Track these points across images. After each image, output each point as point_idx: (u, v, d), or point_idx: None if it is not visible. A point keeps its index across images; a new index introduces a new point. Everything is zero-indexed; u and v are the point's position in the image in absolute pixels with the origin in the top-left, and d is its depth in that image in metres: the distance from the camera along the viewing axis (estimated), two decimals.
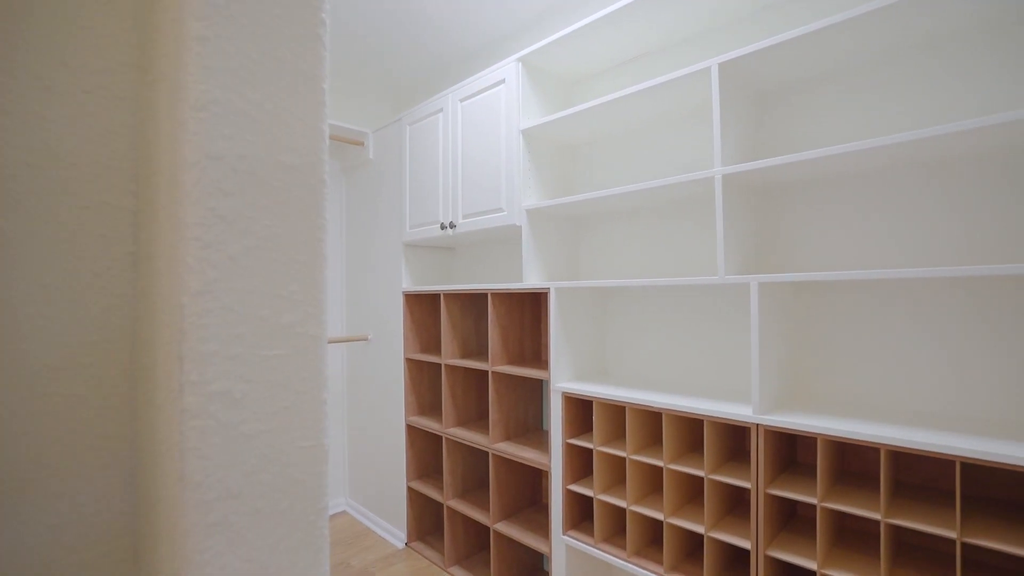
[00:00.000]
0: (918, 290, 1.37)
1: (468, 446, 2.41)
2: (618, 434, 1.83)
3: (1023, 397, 1.22)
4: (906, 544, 1.35)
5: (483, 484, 2.49)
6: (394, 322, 2.65)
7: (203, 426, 0.43)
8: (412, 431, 2.58)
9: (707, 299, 1.78)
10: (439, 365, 2.70)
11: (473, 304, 2.47)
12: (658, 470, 1.75)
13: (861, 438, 1.18)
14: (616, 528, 1.80)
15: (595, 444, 1.72)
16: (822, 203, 1.52)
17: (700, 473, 1.46)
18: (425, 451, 2.63)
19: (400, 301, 2.60)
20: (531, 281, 1.99)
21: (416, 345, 2.59)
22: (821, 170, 1.40)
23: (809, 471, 1.46)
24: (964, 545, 1.27)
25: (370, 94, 3.19)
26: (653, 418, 1.74)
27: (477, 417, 2.47)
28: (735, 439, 1.63)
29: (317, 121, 0.51)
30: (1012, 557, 1.22)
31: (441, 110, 2.34)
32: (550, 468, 1.86)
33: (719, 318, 1.75)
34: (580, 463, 1.88)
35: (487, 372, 2.48)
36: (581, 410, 1.89)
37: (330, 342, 2.86)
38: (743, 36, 1.69)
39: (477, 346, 2.49)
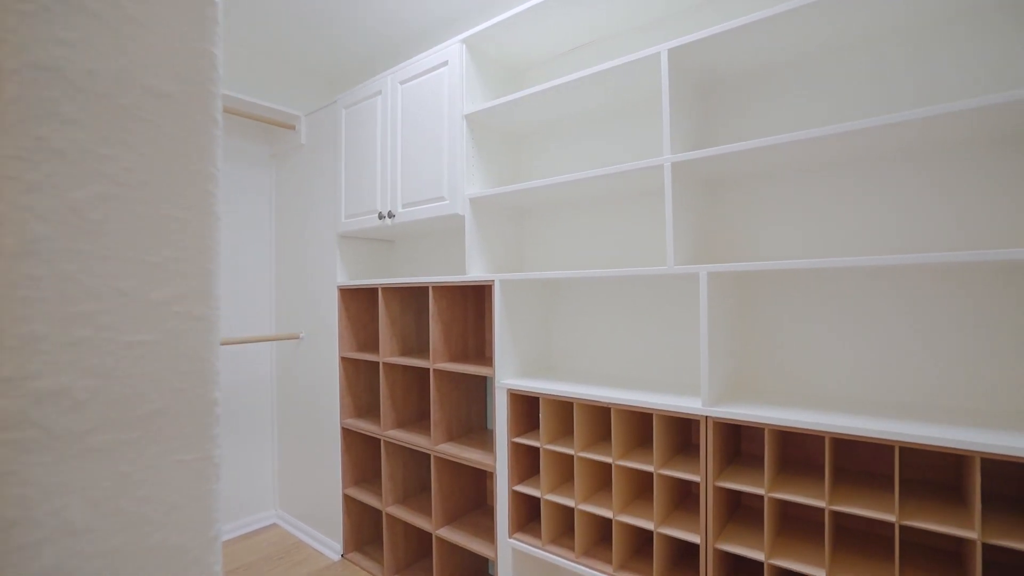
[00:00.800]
0: (860, 280, 1.40)
1: (409, 449, 2.28)
2: (566, 431, 1.77)
3: (959, 383, 1.27)
4: (848, 529, 1.37)
5: (425, 488, 2.37)
6: (328, 319, 2.47)
7: (23, 440, 0.31)
8: (348, 435, 2.41)
9: (656, 290, 1.76)
10: (377, 364, 2.55)
11: (413, 299, 2.35)
12: (607, 467, 1.72)
13: (807, 427, 1.18)
14: (564, 528, 1.74)
15: (542, 442, 1.65)
16: (767, 195, 1.54)
17: (650, 468, 1.43)
18: (362, 456, 2.47)
19: (335, 296, 2.42)
20: (475, 273, 1.89)
21: (352, 343, 2.43)
22: (768, 161, 1.41)
23: (754, 461, 1.47)
24: (902, 528, 1.31)
25: (303, 75, 2.97)
26: (601, 413, 1.70)
27: (418, 418, 2.35)
28: (682, 432, 1.62)
29: (203, 41, 0.39)
30: (947, 537, 1.27)
31: (379, 92, 2.20)
32: (495, 469, 1.78)
33: (668, 310, 1.74)
34: (527, 462, 1.81)
35: (428, 370, 2.36)
36: (527, 407, 1.82)
37: (258, 341, 2.64)
38: (696, 25, 1.68)
39: (418, 343, 2.36)
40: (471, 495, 2.14)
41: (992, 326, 1.23)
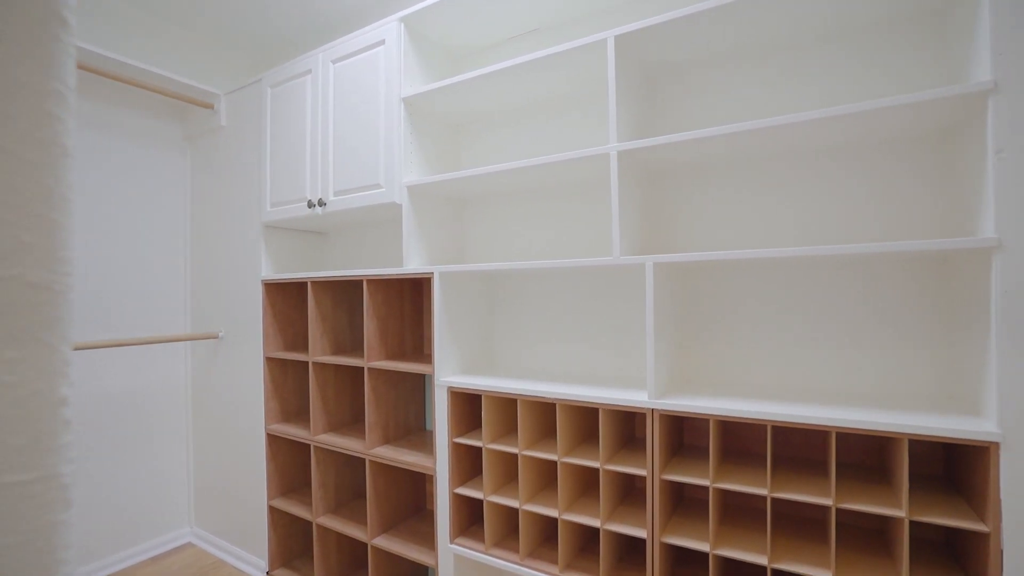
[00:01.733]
0: (797, 271, 1.44)
1: (342, 454, 2.14)
2: (509, 429, 1.71)
3: (894, 371, 1.33)
4: (785, 515, 1.41)
5: (359, 496, 2.23)
6: (251, 316, 2.27)
7: None
8: (274, 441, 2.22)
9: (601, 283, 1.74)
10: (307, 363, 2.37)
11: (347, 293, 2.20)
12: (552, 464, 1.67)
13: (751, 416, 1.19)
14: (508, 530, 1.68)
15: (484, 442, 1.58)
16: (711, 186, 1.55)
17: (595, 464, 1.39)
18: (290, 463, 2.29)
19: (259, 292, 2.23)
20: (413, 265, 1.79)
21: (279, 342, 2.24)
22: (712, 152, 1.41)
23: (695, 452, 1.48)
24: (838, 510, 1.35)
25: (223, 49, 2.72)
26: (546, 410, 1.66)
27: (352, 420, 2.20)
28: (626, 426, 1.61)
29: None
30: (879, 517, 1.33)
31: (310, 71, 2.03)
32: (435, 471, 1.69)
33: (612, 303, 1.72)
34: (468, 463, 1.73)
35: (363, 369, 2.22)
36: (469, 406, 1.75)
37: (170, 341, 2.38)
38: (643, 14, 1.67)
39: (351, 340, 2.22)
40: (409, 500, 2.03)
41: (911, 315, 1.29)
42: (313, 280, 2.01)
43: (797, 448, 1.43)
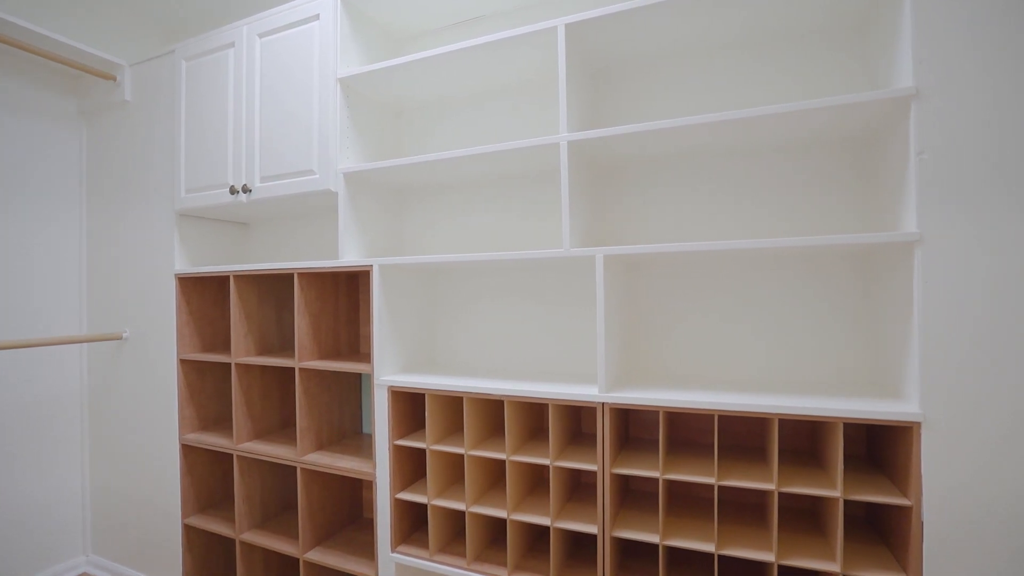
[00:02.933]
0: (741, 264, 1.48)
1: (269, 463, 1.97)
2: (454, 428, 1.65)
3: (826, 358, 1.40)
4: (730, 500, 1.45)
5: (290, 507, 2.07)
6: (162, 314, 2.03)
7: None
8: (190, 453, 2.01)
9: (548, 275, 1.71)
10: (229, 365, 2.17)
11: (275, 288, 2.03)
12: (500, 463, 1.63)
13: (699, 406, 1.20)
14: (454, 534, 1.62)
15: (428, 443, 1.51)
16: (661, 180, 1.57)
17: (545, 461, 1.36)
18: (209, 476, 2.08)
19: (172, 287, 2.00)
20: (350, 258, 1.68)
21: (196, 342, 2.03)
22: (661, 146, 1.43)
23: (641, 444, 1.49)
24: (780, 494, 1.41)
25: (129, 15, 2.43)
26: (493, 407, 1.61)
27: (281, 426, 2.04)
28: (573, 420, 1.59)
29: None
30: (811, 496, 1.39)
31: (232, 44, 1.85)
32: (375, 476, 1.59)
33: (560, 296, 1.70)
34: (411, 466, 1.65)
35: (294, 370, 2.07)
36: (411, 406, 1.66)
37: (62, 343, 2.09)
38: (594, 4, 1.67)
39: (280, 339, 2.06)
40: (346, 509, 1.91)
41: (842, 305, 1.38)
42: (236, 274, 1.84)
43: (738, 436, 1.48)
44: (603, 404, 1.30)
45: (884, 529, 1.23)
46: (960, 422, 1.03)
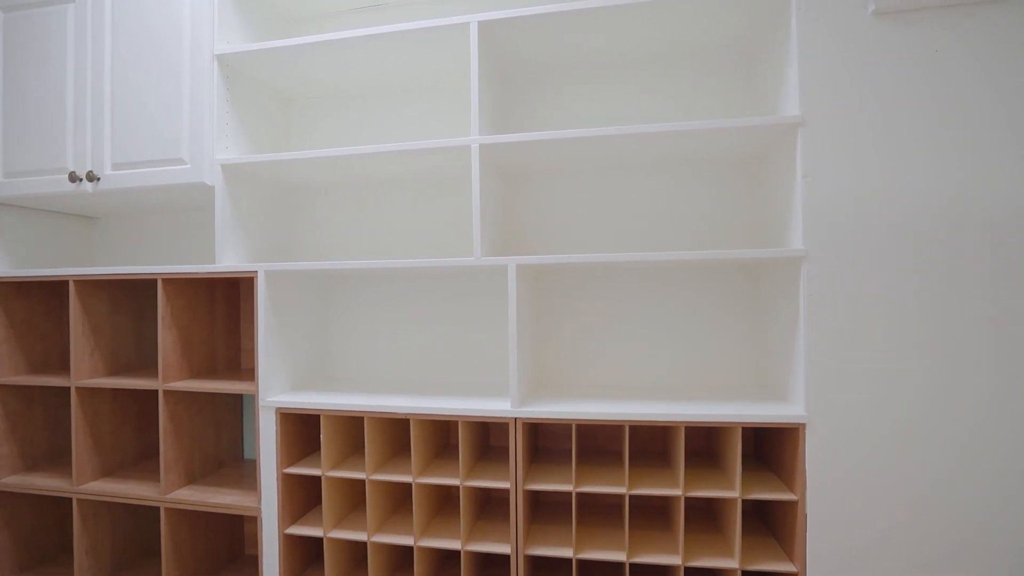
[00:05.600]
0: (642, 274, 1.52)
1: (124, 505, 1.66)
2: (354, 450, 1.51)
3: (720, 363, 1.48)
4: (637, 506, 1.48)
5: (151, 554, 1.76)
6: None
7: None
8: (9, 501, 1.63)
9: (458, 283, 1.64)
10: (67, 390, 1.80)
11: (132, 297, 1.72)
12: (406, 486, 1.52)
13: (611, 418, 1.21)
14: (354, 566, 1.47)
15: (324, 469, 1.36)
16: (570, 188, 1.57)
17: (455, 482, 1.29)
18: (39, 528, 1.71)
19: None
20: (229, 262, 1.47)
21: (17, 363, 1.65)
22: (570, 155, 1.42)
23: (552, 456, 1.47)
24: (687, 499, 1.45)
25: None
26: (398, 426, 1.50)
27: (139, 458, 1.73)
28: (482, 434, 1.54)
29: None
30: (723, 500, 1.46)
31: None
32: (260, 511, 1.40)
33: (468, 306, 1.63)
34: (303, 496, 1.47)
35: (157, 393, 1.77)
36: (303, 428, 1.49)
37: None
38: (509, 3, 1.62)
39: (139, 357, 1.75)
40: (223, 548, 1.67)
41: (734, 314, 1.47)
42: (79, 278, 1.52)
43: (643, 441, 1.52)
44: (516, 419, 1.26)
45: (771, 521, 1.33)
46: (840, 423, 1.13)
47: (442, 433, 1.54)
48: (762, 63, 1.39)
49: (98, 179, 1.49)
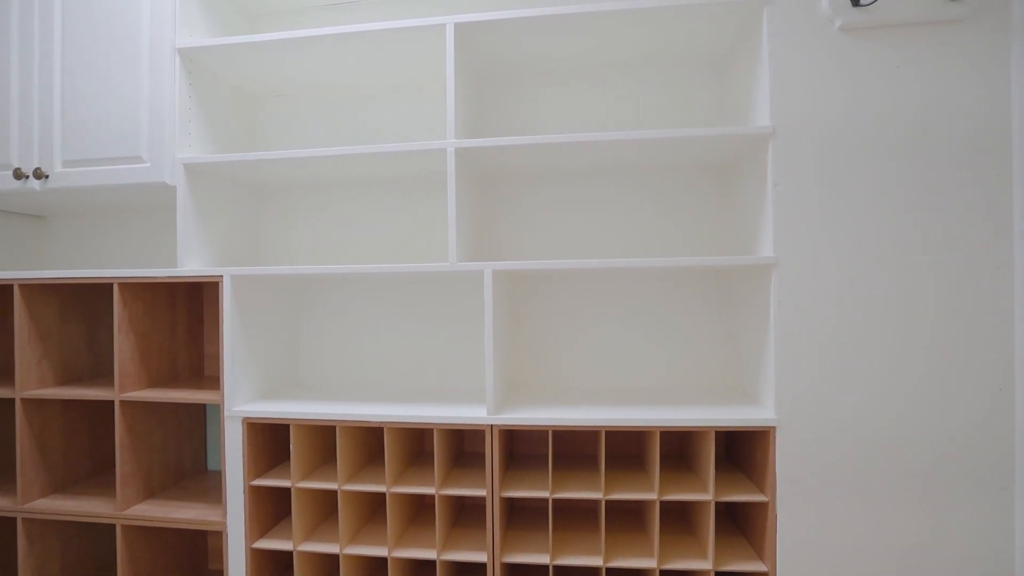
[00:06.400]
0: (618, 279, 1.53)
1: (75, 523, 1.56)
2: (325, 459, 1.47)
3: (693, 367, 1.50)
4: (612, 509, 1.48)
5: (107, 571, 1.67)
6: None
7: None
8: None
9: (431, 287, 1.61)
10: (11, 401, 1.69)
11: (85, 302, 1.63)
12: (380, 496, 1.48)
13: (587, 424, 1.21)
14: None
15: (294, 480, 1.31)
16: (546, 193, 1.57)
17: (430, 491, 1.26)
18: None
19: None
20: (192, 266, 1.40)
21: None
22: (547, 160, 1.41)
23: (527, 461, 1.46)
24: (662, 502, 1.47)
25: None
26: (371, 433, 1.46)
27: (92, 472, 1.63)
28: (457, 440, 1.52)
29: None
30: (697, 502, 1.48)
31: None
32: (225, 525, 1.34)
33: (443, 307, 1.61)
34: (271, 508, 1.42)
35: (113, 403, 1.68)
36: (272, 437, 1.44)
37: None
38: (482, 8, 1.61)
39: (95, 365, 1.65)
40: (185, 566, 1.59)
41: (707, 319, 1.50)
42: (24, 282, 1.42)
43: (619, 444, 1.53)
44: (492, 427, 1.24)
45: (743, 521, 1.36)
46: (808, 425, 1.17)
47: (416, 440, 1.52)
48: (736, 72, 1.41)
49: (47, 176, 1.40)
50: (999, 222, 1.12)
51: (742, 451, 1.37)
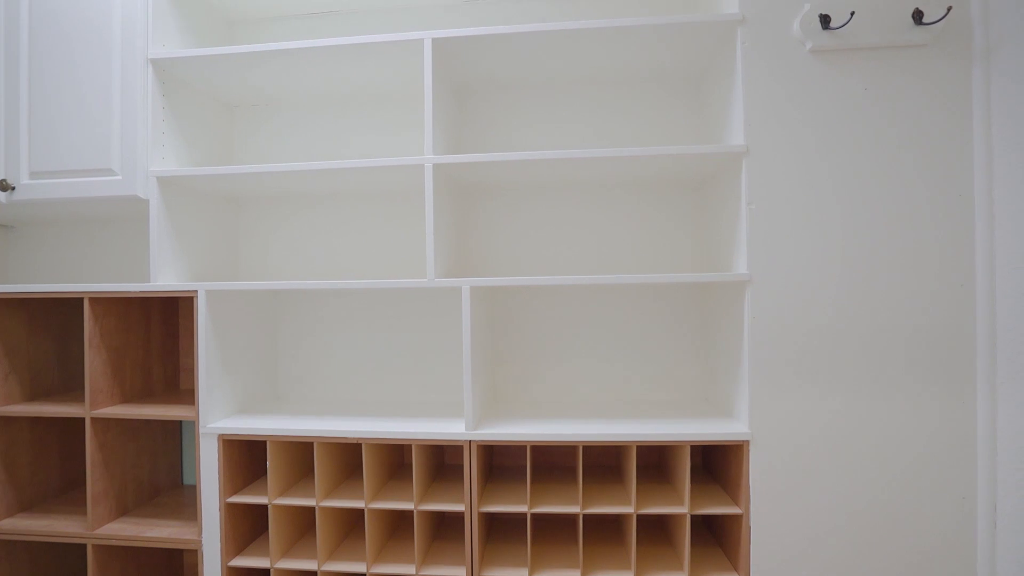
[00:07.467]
0: (595, 295, 1.55)
1: (43, 544, 1.53)
2: (302, 475, 1.45)
3: (669, 381, 1.52)
4: (590, 522, 1.49)
5: None
6: None
7: None
8: None
9: (410, 301, 1.61)
10: None
11: (54, 316, 1.59)
12: (358, 512, 1.48)
13: (565, 439, 1.22)
14: None
15: (271, 497, 1.30)
16: (524, 208, 1.58)
17: (409, 506, 1.26)
18: None
19: None
20: (166, 280, 1.38)
21: None
22: (524, 176, 1.42)
23: (506, 474, 1.47)
24: (639, 516, 1.48)
25: None
26: (349, 449, 1.45)
27: (62, 490, 1.60)
28: (437, 454, 1.52)
29: None
30: (671, 516, 1.50)
31: None
32: (201, 543, 1.32)
33: (422, 321, 1.61)
34: (248, 525, 1.41)
35: (84, 420, 1.64)
36: (248, 453, 1.43)
37: None
38: (458, 23, 1.60)
39: (65, 380, 1.62)
40: None
41: (682, 334, 1.52)
42: None
43: (596, 456, 1.54)
44: (471, 442, 1.25)
45: (718, 532, 1.38)
46: (781, 439, 1.19)
47: (395, 454, 1.51)
48: (711, 90, 1.43)
49: (12, 188, 1.37)
50: (963, 239, 1.15)
51: (718, 462, 1.39)
